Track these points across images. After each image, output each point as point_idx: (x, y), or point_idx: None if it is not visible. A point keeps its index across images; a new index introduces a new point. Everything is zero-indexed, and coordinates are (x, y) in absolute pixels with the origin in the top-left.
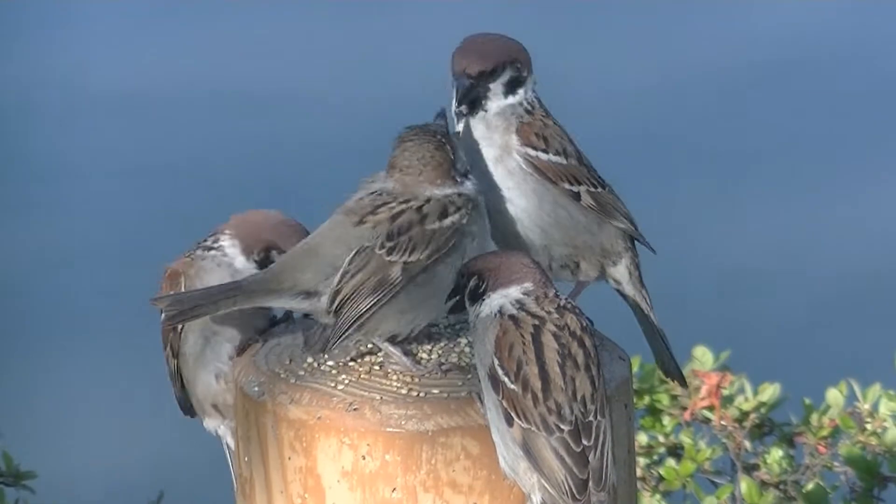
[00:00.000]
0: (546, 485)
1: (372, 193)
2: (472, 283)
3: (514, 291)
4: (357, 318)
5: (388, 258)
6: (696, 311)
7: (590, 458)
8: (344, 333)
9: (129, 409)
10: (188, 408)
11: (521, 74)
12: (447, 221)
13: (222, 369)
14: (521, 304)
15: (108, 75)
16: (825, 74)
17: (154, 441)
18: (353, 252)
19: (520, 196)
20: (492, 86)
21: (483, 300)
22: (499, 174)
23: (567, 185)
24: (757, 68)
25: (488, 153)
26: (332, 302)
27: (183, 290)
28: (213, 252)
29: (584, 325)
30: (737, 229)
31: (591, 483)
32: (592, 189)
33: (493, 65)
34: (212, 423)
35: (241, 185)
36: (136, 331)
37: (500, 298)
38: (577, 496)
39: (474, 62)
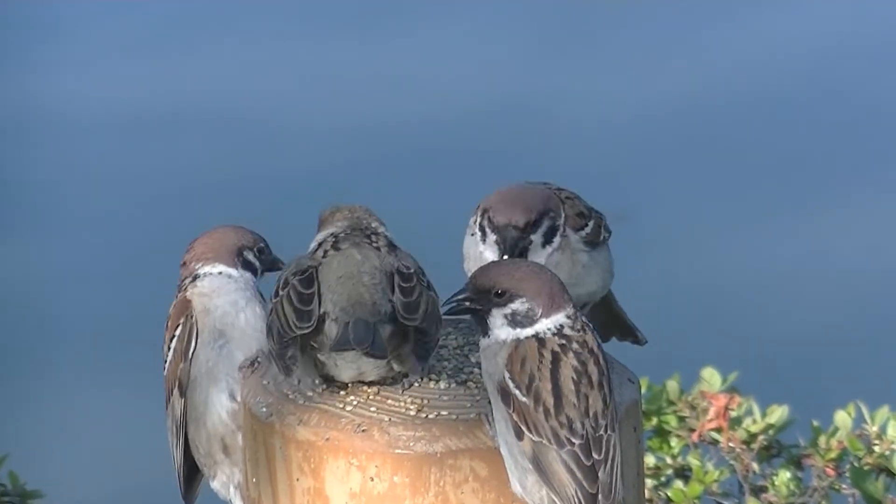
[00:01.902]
0: (555, 499)
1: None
2: (517, 305)
3: (560, 317)
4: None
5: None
6: (704, 333)
7: (599, 473)
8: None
9: (137, 428)
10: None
11: (555, 223)
12: None
13: (234, 387)
14: (560, 328)
15: (104, 97)
16: (831, 93)
17: (162, 461)
18: (395, 272)
19: (589, 276)
20: (533, 237)
21: (530, 325)
22: (576, 272)
23: (601, 239)
24: (763, 85)
25: (562, 271)
26: (416, 311)
27: (193, 318)
28: (207, 279)
29: (599, 341)
30: (746, 250)
31: (600, 497)
32: (602, 222)
33: (536, 216)
34: (220, 480)
35: (236, 207)
36: (144, 350)
37: (547, 323)
38: None
39: (520, 214)
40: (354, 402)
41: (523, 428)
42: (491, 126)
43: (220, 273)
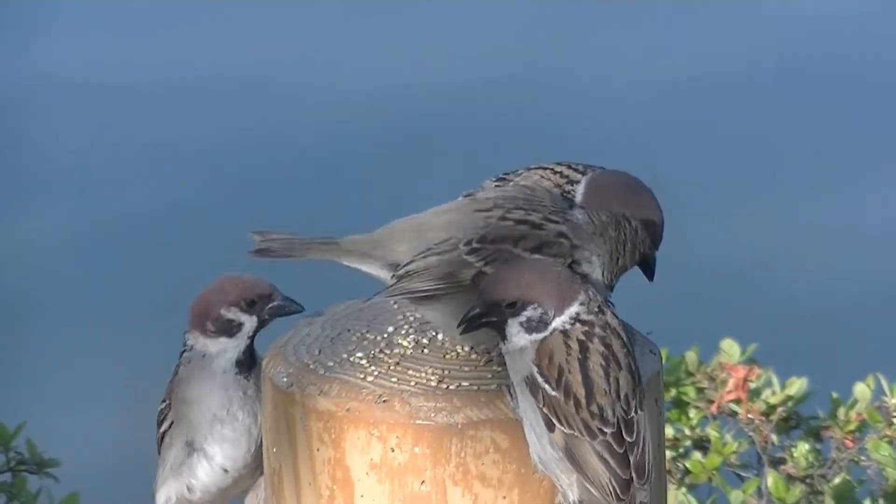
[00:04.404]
0: (589, 486)
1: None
2: (530, 312)
3: (574, 308)
4: (411, 292)
5: (466, 257)
6: (723, 304)
7: (631, 457)
8: (394, 295)
9: (153, 397)
10: None
11: None
12: (535, 255)
13: (195, 485)
14: (577, 316)
15: (110, 66)
16: (853, 66)
17: None
18: (445, 237)
19: None
20: None
21: (545, 328)
22: None
23: None
24: (787, 59)
25: None
26: (400, 268)
27: (169, 407)
28: (187, 355)
29: (620, 319)
30: (765, 222)
31: (634, 478)
32: None
33: None
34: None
35: (243, 177)
36: (153, 320)
37: (562, 318)
38: (622, 496)
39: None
40: (375, 373)
41: (554, 421)
42: (513, 90)
43: (196, 349)
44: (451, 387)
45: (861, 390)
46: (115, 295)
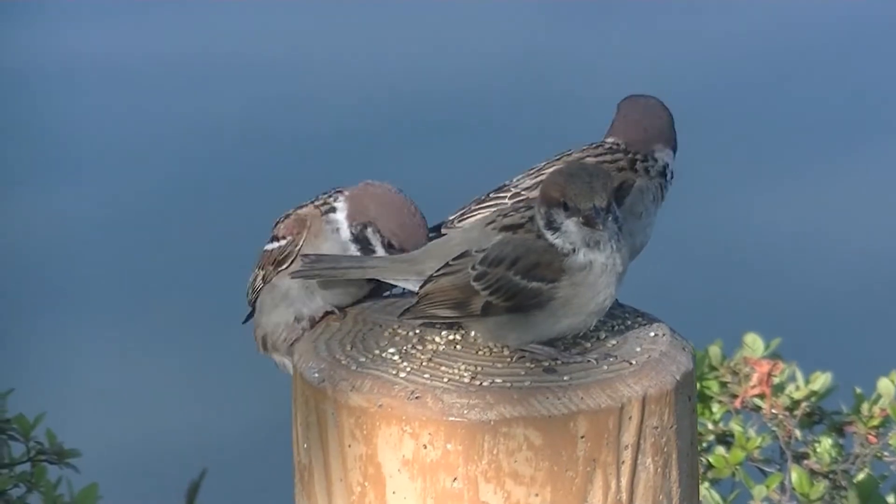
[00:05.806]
0: None
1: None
2: None
3: None
4: (431, 318)
5: (473, 283)
6: (747, 298)
7: None
8: (416, 318)
9: (173, 387)
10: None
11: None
12: (533, 284)
13: (304, 313)
14: None
15: (116, 46)
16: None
17: (197, 420)
18: (460, 252)
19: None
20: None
21: None
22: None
23: None
24: (797, 39)
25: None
26: (420, 287)
27: (302, 238)
28: (330, 216)
29: None
30: (789, 216)
31: None
32: None
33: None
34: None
35: (263, 159)
36: (179, 308)
37: None
38: None
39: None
40: (408, 369)
41: None
42: (526, 77)
43: (338, 222)
44: (485, 383)
45: (885, 386)
46: (137, 285)
